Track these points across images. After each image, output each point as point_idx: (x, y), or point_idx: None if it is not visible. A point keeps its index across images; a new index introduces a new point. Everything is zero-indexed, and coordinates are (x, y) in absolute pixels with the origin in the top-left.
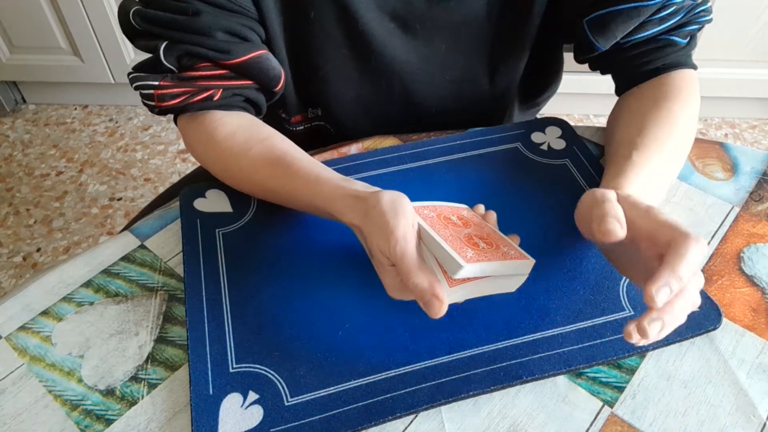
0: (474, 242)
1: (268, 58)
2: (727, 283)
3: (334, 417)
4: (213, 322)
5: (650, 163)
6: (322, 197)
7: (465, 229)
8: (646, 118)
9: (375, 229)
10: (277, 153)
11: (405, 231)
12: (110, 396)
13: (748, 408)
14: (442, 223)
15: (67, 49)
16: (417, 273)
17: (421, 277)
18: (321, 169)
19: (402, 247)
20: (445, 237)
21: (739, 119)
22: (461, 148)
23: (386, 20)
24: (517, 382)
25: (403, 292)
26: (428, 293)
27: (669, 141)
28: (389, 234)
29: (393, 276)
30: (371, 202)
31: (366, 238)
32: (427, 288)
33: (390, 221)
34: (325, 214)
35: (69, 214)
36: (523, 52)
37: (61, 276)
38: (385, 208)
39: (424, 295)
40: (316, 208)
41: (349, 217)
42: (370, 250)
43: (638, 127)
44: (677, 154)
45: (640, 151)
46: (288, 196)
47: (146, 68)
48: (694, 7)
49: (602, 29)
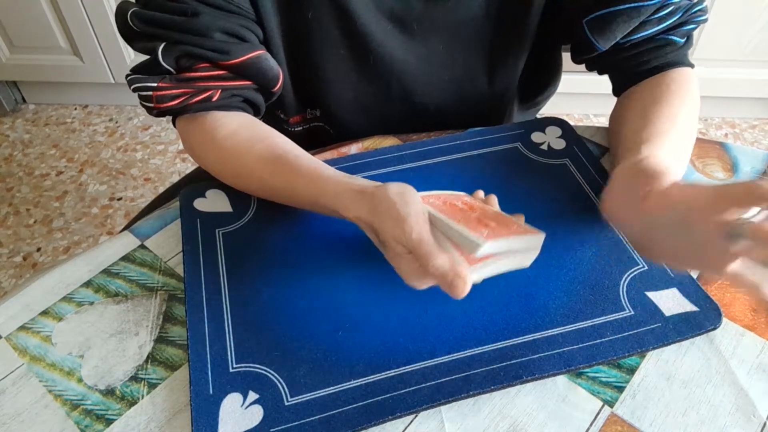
0: (484, 223)
1: (267, 58)
2: (727, 283)
3: (334, 417)
4: (213, 322)
5: (658, 156)
6: (325, 194)
7: (472, 213)
8: (649, 114)
9: (387, 219)
10: (279, 151)
11: (417, 217)
12: (110, 396)
13: (748, 408)
14: (449, 209)
15: (67, 49)
16: (437, 255)
17: (442, 258)
18: (323, 166)
19: (418, 232)
20: (458, 220)
21: (739, 119)
22: (461, 148)
23: (384, 20)
24: (517, 382)
25: (422, 278)
26: (450, 274)
27: (673, 135)
28: (402, 222)
29: (410, 263)
30: (379, 195)
31: (377, 230)
32: (449, 268)
33: (401, 210)
34: (328, 211)
35: (69, 214)
36: (521, 52)
37: (61, 276)
38: (394, 198)
39: (446, 276)
40: (320, 204)
41: (355, 212)
42: (384, 241)
43: (642, 123)
44: (683, 148)
45: (648, 144)
46: (291, 193)
47: (144, 70)
48: (690, 7)
49: (602, 29)
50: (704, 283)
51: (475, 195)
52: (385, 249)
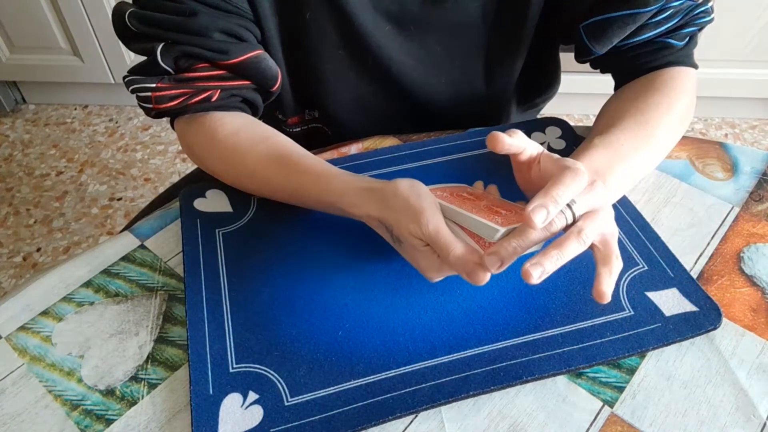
0: (495, 211)
1: (265, 57)
2: (727, 283)
3: (334, 417)
4: (213, 322)
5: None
6: (331, 192)
7: (480, 202)
8: (619, 109)
9: (401, 214)
10: (283, 150)
11: (432, 209)
12: (110, 396)
13: (748, 408)
14: (458, 200)
15: (67, 49)
16: (456, 245)
17: (461, 248)
18: (327, 165)
19: (435, 224)
20: (469, 210)
21: (739, 119)
22: (461, 148)
23: (382, 21)
24: (517, 382)
25: (441, 270)
26: (471, 262)
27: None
28: (418, 215)
29: (428, 256)
30: (390, 191)
31: (392, 225)
32: (469, 257)
33: (415, 204)
34: (334, 209)
35: (69, 214)
36: (519, 55)
37: (61, 276)
38: (406, 193)
39: (467, 265)
40: (326, 203)
41: (365, 210)
42: (399, 236)
43: (613, 116)
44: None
45: (603, 136)
46: (296, 192)
47: (143, 71)
48: (692, 9)
49: (598, 35)
50: (704, 283)
51: (476, 186)
52: (400, 244)
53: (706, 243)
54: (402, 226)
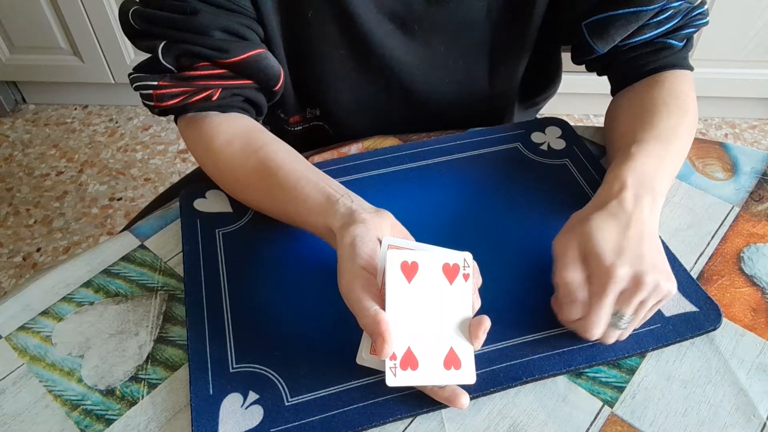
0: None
1: (267, 56)
2: (727, 283)
3: (334, 417)
4: (213, 322)
5: (649, 155)
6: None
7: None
8: (640, 115)
9: (338, 263)
10: (271, 165)
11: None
12: (110, 396)
13: (748, 408)
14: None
15: (67, 49)
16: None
17: (368, 318)
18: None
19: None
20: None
21: (739, 119)
22: (461, 148)
23: (385, 20)
24: (517, 382)
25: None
26: (373, 333)
27: (666, 134)
28: (340, 276)
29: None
30: (339, 238)
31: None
32: (372, 329)
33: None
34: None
35: (69, 214)
36: (522, 54)
37: (61, 276)
38: (344, 250)
39: (370, 333)
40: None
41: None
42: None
43: (636, 123)
44: (677, 147)
45: (639, 144)
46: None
47: (146, 68)
48: (690, 11)
49: (601, 33)
50: (704, 283)
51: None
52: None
53: (706, 243)
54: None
